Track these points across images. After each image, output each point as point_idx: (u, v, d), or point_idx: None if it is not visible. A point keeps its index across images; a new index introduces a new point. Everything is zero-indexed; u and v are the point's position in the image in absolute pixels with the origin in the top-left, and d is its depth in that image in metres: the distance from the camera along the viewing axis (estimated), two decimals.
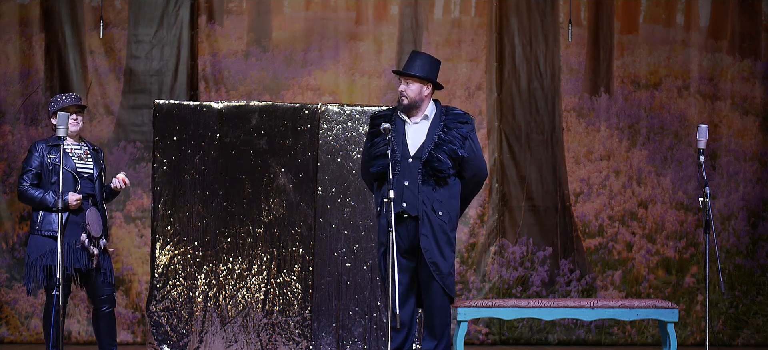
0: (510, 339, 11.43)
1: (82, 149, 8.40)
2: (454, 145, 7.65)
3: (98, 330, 8.46)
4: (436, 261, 7.64)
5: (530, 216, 11.53)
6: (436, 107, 7.79)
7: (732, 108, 11.69)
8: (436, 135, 7.66)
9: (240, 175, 9.65)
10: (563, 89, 11.62)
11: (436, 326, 7.72)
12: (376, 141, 7.75)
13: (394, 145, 7.58)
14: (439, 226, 7.64)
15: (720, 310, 11.52)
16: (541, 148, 11.55)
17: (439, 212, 7.63)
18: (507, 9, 11.58)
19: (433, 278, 7.64)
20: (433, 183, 7.64)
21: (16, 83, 11.40)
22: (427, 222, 7.62)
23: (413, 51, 7.88)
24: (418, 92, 7.72)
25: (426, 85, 7.73)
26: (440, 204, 7.64)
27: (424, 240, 7.61)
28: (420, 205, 7.61)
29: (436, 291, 7.67)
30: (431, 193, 7.63)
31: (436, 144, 7.64)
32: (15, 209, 11.27)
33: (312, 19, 11.58)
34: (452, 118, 7.74)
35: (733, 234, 11.59)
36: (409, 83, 7.71)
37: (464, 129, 7.71)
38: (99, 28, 11.29)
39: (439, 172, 7.62)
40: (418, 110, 7.75)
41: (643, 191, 11.59)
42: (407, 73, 7.70)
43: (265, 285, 9.64)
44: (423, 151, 7.64)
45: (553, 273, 11.49)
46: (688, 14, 11.75)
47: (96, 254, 8.29)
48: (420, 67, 7.71)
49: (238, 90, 11.43)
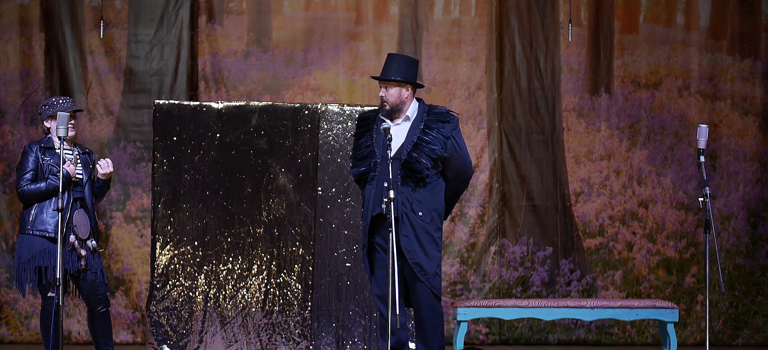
0: (510, 339, 11.43)
1: (73, 154, 8.36)
2: (434, 145, 7.64)
3: (94, 330, 8.46)
4: (420, 261, 7.62)
5: (530, 216, 11.53)
6: (418, 107, 7.79)
7: (732, 108, 11.68)
8: (416, 135, 7.66)
9: (240, 175, 9.65)
10: (563, 89, 11.62)
11: (425, 326, 7.70)
12: (360, 143, 7.80)
13: (390, 144, 7.58)
14: (420, 227, 7.62)
15: (720, 310, 11.52)
16: (541, 147, 11.55)
17: (420, 212, 7.61)
18: (507, 9, 11.58)
19: (419, 279, 7.64)
20: (413, 184, 7.63)
21: (16, 83, 11.40)
22: (407, 222, 7.60)
23: (389, 54, 7.86)
24: (398, 96, 7.73)
25: (405, 88, 7.73)
26: (420, 205, 7.63)
27: (405, 241, 7.59)
28: (400, 206, 7.58)
29: (423, 291, 7.66)
30: (411, 194, 7.62)
31: (415, 144, 7.64)
32: (15, 209, 11.27)
33: (312, 19, 11.58)
34: (434, 117, 7.73)
35: (733, 234, 11.59)
36: (388, 88, 7.72)
37: (446, 128, 7.69)
38: (99, 28, 11.29)
39: (418, 173, 7.61)
40: (401, 112, 7.76)
41: (644, 191, 11.59)
42: (384, 78, 7.71)
43: (265, 285, 9.64)
44: (402, 152, 7.64)
45: (554, 273, 11.49)
46: (688, 14, 11.75)
47: (84, 255, 8.29)
48: (396, 70, 7.72)
49: (238, 90, 11.43)
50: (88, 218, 8.34)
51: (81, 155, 8.39)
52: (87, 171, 8.38)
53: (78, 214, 8.29)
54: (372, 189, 7.68)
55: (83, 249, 8.30)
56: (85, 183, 8.35)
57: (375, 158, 7.68)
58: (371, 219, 7.68)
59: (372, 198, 7.66)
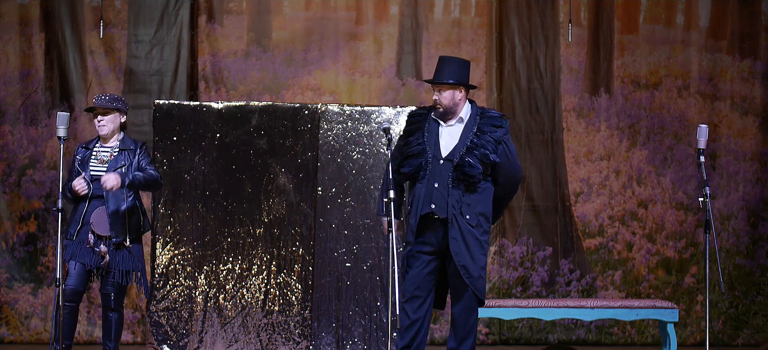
0: (510, 339, 11.43)
1: (108, 152, 8.44)
2: (487, 150, 7.62)
3: (102, 326, 8.61)
4: (466, 264, 7.63)
5: (530, 216, 11.53)
6: (471, 109, 7.77)
7: (732, 108, 11.69)
8: (469, 138, 7.65)
9: (240, 175, 9.64)
10: (563, 89, 11.62)
11: (460, 327, 7.71)
12: (410, 140, 7.76)
13: (427, 147, 7.61)
14: (467, 230, 7.62)
15: (720, 310, 11.52)
16: (541, 147, 11.55)
17: (467, 216, 7.61)
18: (507, 9, 11.58)
19: (463, 281, 7.64)
20: (463, 187, 7.62)
21: (16, 83, 11.39)
22: (455, 225, 7.60)
23: (441, 57, 7.83)
24: (452, 98, 7.72)
25: (458, 90, 7.72)
26: (469, 208, 7.62)
27: (453, 243, 7.60)
28: (449, 208, 7.59)
29: (467, 294, 7.67)
30: (461, 197, 7.61)
31: (468, 148, 7.63)
32: (15, 209, 11.27)
33: (312, 19, 11.58)
34: (486, 120, 7.71)
35: (733, 234, 11.59)
36: (441, 91, 7.71)
37: (498, 133, 7.68)
38: (99, 28, 11.29)
39: (470, 177, 7.60)
40: (454, 114, 7.75)
41: (643, 191, 11.59)
42: (439, 81, 7.70)
43: (265, 285, 9.64)
44: (455, 154, 7.63)
45: (553, 273, 11.49)
46: (688, 14, 11.75)
47: (104, 252, 8.36)
48: (449, 73, 7.71)
49: (238, 90, 11.43)
50: (106, 216, 8.38)
51: (120, 154, 8.43)
52: (128, 169, 8.43)
53: (96, 213, 8.36)
54: (422, 188, 7.65)
55: (104, 246, 8.38)
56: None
57: (426, 156, 7.67)
58: (419, 219, 7.68)
59: (422, 197, 7.65)
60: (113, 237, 8.38)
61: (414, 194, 7.70)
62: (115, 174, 8.32)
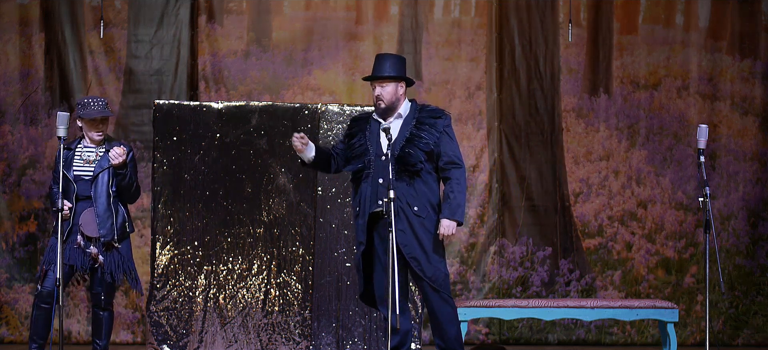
0: (510, 339, 11.43)
1: (94, 152, 8.43)
2: (427, 139, 7.67)
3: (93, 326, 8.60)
4: (416, 255, 7.63)
5: (530, 217, 11.54)
6: (411, 106, 7.84)
7: (732, 108, 11.69)
8: (408, 131, 7.70)
9: (240, 175, 9.65)
10: (563, 89, 11.63)
11: (436, 319, 7.70)
12: (352, 142, 7.83)
13: (369, 146, 7.65)
14: (416, 221, 7.64)
15: (720, 310, 11.53)
16: (540, 148, 11.56)
17: (415, 207, 7.63)
18: (507, 9, 11.58)
19: (419, 276, 7.65)
20: (407, 178, 7.65)
21: (16, 83, 11.40)
22: (403, 218, 7.62)
23: (378, 55, 7.90)
24: (394, 92, 7.78)
25: (400, 84, 7.79)
26: (415, 199, 7.65)
27: (401, 235, 7.59)
28: (395, 202, 7.60)
29: (424, 286, 7.68)
30: (405, 189, 7.64)
31: (408, 139, 7.68)
32: (15, 209, 11.28)
33: (312, 19, 11.58)
34: (426, 114, 7.78)
35: (733, 234, 11.60)
36: (383, 86, 7.77)
37: (439, 123, 7.73)
38: (99, 27, 11.29)
39: (412, 166, 7.63)
40: (394, 110, 7.81)
41: (643, 191, 11.60)
42: (380, 75, 7.75)
43: (265, 285, 9.64)
44: (395, 147, 7.66)
45: (553, 273, 11.49)
46: (687, 14, 11.75)
47: (95, 253, 8.35)
48: (390, 68, 7.77)
49: (238, 90, 11.43)
50: (95, 217, 8.37)
51: (105, 153, 8.41)
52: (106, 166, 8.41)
53: (84, 214, 8.35)
54: (368, 188, 7.70)
55: (94, 248, 8.36)
56: (92, 183, 8.39)
57: (369, 156, 7.72)
58: (368, 217, 7.70)
59: (368, 196, 7.68)
60: (102, 238, 8.38)
61: (360, 193, 7.74)
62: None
